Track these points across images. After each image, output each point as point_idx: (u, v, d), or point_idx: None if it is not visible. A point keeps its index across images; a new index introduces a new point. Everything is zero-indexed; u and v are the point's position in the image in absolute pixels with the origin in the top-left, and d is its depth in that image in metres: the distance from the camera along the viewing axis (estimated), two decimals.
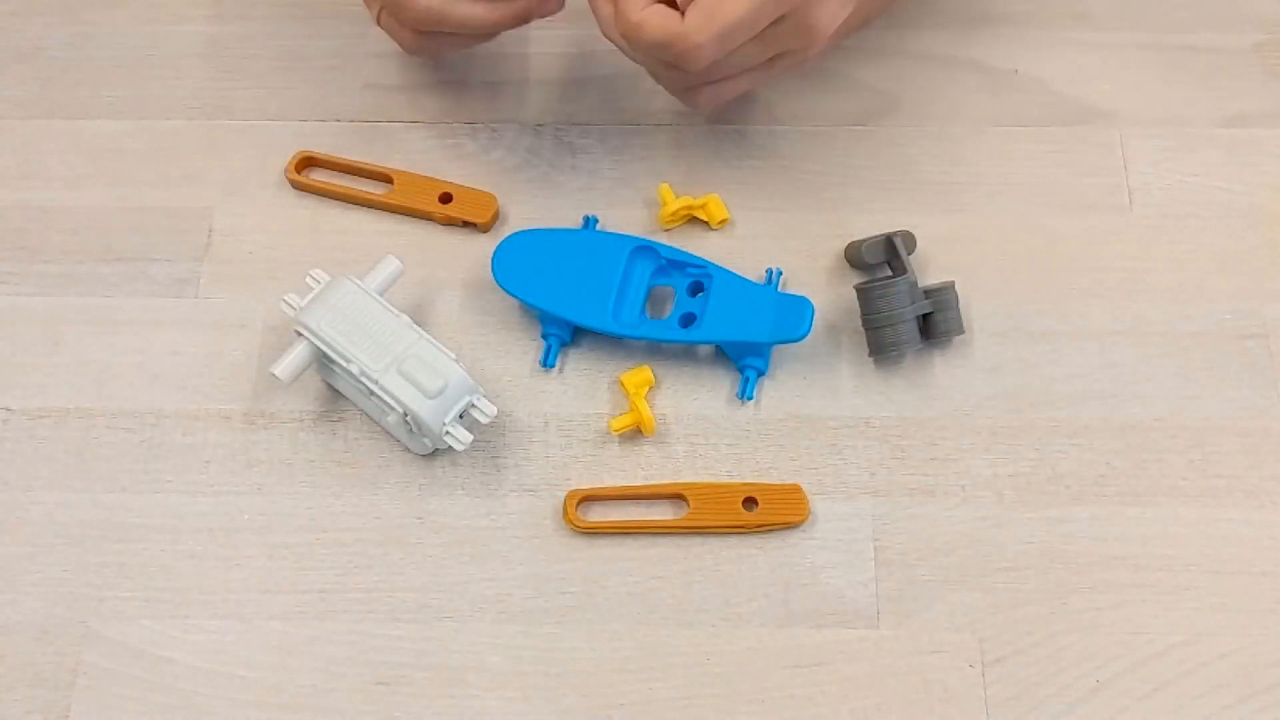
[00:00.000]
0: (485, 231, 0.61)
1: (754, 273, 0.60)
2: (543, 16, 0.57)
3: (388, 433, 0.57)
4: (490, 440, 0.57)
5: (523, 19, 0.56)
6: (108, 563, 0.55)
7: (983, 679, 0.53)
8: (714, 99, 0.57)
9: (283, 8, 0.68)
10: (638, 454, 0.57)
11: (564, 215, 0.62)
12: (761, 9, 0.51)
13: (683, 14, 0.51)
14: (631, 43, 0.52)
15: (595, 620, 0.54)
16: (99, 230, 0.62)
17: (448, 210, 0.61)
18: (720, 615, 0.54)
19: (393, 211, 0.62)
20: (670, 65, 0.54)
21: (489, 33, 0.57)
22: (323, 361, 0.55)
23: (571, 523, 0.55)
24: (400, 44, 0.60)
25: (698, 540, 0.55)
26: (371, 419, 0.57)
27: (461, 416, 0.54)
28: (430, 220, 0.62)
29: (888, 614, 0.54)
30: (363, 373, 0.53)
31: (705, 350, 0.59)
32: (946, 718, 0.52)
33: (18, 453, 0.57)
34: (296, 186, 0.62)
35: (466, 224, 0.61)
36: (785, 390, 0.58)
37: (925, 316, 0.57)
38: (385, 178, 0.62)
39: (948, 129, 0.64)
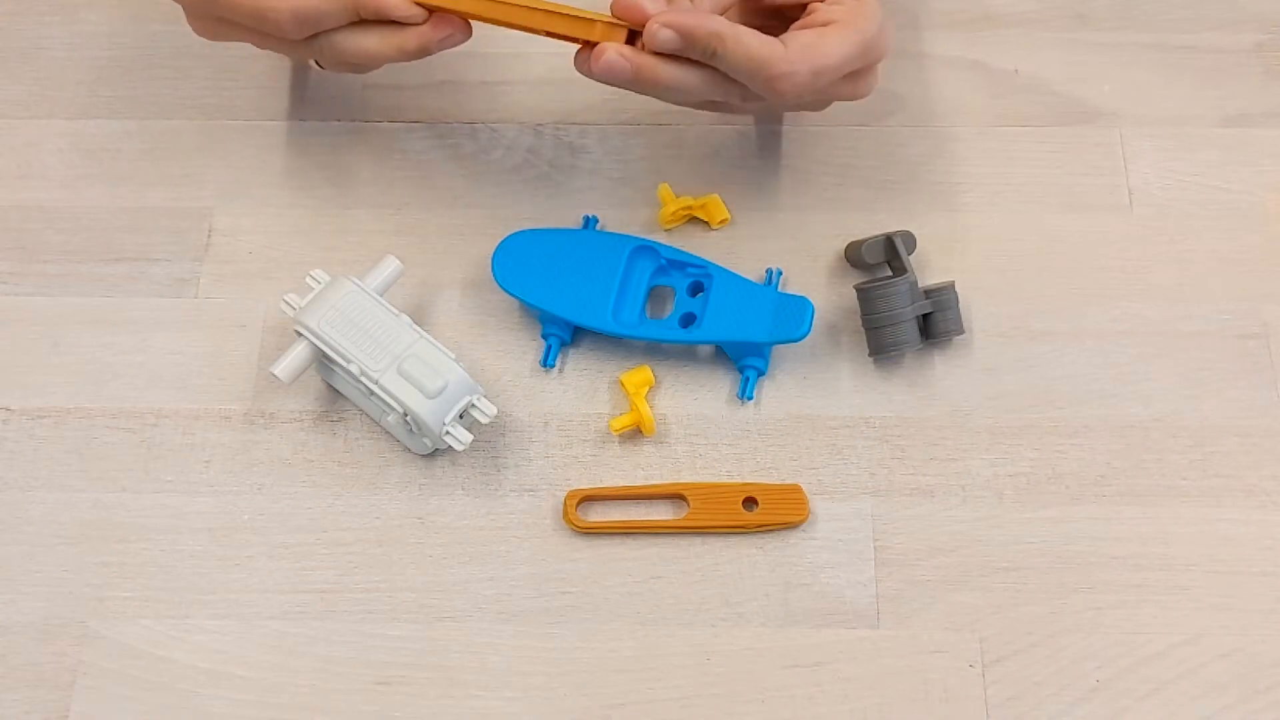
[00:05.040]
0: None
1: (754, 273, 0.60)
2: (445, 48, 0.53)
3: (388, 433, 0.57)
4: (490, 440, 0.57)
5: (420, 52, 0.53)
6: (108, 563, 0.55)
7: (983, 679, 0.53)
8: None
9: None
10: (638, 454, 0.57)
11: (564, 215, 0.62)
12: (849, 58, 0.52)
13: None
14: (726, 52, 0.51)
15: (595, 620, 0.54)
16: (99, 230, 0.62)
17: None
18: (720, 615, 0.54)
19: None
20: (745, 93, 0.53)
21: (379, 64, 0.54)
22: (323, 361, 0.55)
23: (571, 522, 0.55)
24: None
25: (698, 540, 0.55)
26: (371, 419, 0.57)
27: (461, 416, 0.54)
28: None
29: (888, 614, 0.54)
30: (363, 373, 0.53)
31: (705, 350, 0.59)
32: (946, 718, 0.52)
33: (18, 453, 0.57)
34: None
35: None
36: (785, 390, 0.58)
37: (925, 316, 0.57)
38: None
39: (948, 129, 0.64)
